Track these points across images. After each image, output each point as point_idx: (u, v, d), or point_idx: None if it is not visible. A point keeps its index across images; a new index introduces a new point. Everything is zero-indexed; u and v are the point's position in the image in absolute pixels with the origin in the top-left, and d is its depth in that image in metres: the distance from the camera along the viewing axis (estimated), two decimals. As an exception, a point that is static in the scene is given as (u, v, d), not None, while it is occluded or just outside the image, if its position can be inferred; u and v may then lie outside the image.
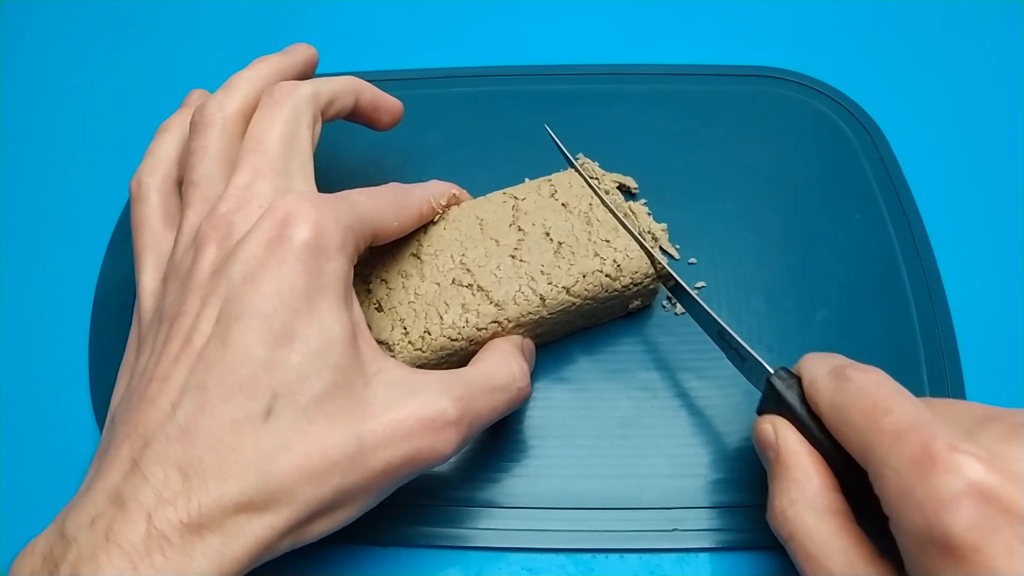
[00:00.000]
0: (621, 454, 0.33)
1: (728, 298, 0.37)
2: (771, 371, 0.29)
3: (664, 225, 0.38)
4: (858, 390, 0.25)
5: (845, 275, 0.37)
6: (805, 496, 0.26)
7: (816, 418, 0.27)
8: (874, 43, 0.46)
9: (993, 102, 0.43)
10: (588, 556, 0.32)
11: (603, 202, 0.34)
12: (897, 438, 0.23)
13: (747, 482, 0.32)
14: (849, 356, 0.34)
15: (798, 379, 0.28)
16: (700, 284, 0.37)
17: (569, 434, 0.34)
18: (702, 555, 0.31)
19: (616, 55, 0.45)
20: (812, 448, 0.27)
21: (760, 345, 0.35)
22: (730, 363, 0.31)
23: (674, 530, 0.32)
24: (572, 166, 0.36)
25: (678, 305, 0.36)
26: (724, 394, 0.34)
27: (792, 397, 0.28)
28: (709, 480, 0.32)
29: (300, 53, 0.35)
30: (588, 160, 0.40)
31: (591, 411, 0.34)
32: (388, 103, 0.35)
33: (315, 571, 0.31)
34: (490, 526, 0.32)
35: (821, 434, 0.27)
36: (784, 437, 0.28)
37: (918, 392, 0.34)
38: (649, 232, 0.38)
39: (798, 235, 0.38)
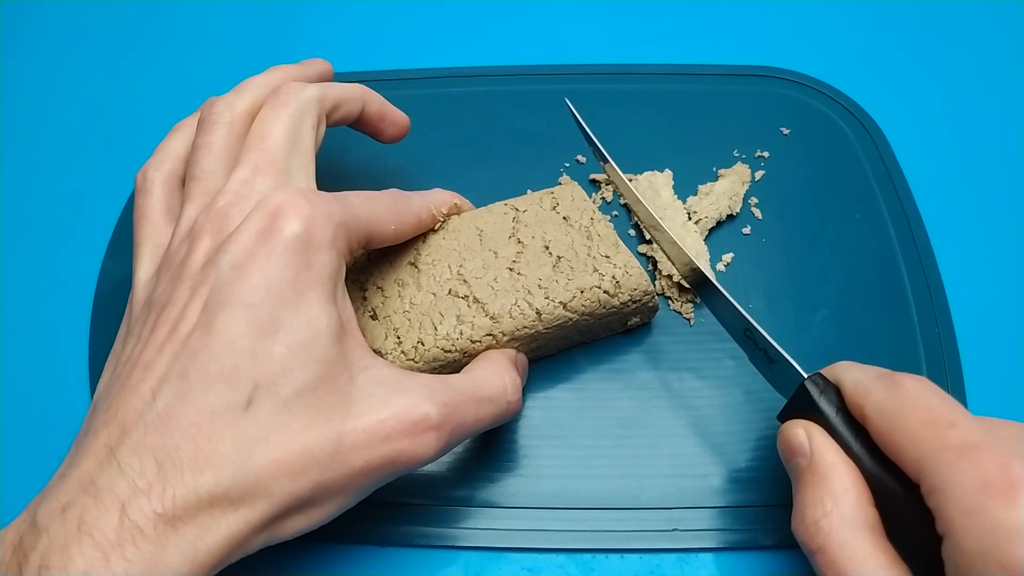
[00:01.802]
0: (621, 454, 0.33)
1: (728, 298, 0.37)
2: (805, 376, 0.28)
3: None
4: (914, 399, 0.24)
5: (845, 275, 0.37)
6: (841, 508, 0.25)
7: (853, 428, 0.26)
8: (874, 43, 0.46)
9: (993, 102, 0.43)
10: (588, 556, 0.32)
11: (634, 205, 0.33)
12: (964, 454, 0.22)
13: (747, 482, 0.32)
14: (849, 356, 0.34)
15: (834, 386, 0.27)
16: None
17: (569, 434, 0.34)
18: (702, 555, 0.31)
19: (616, 55, 0.45)
20: (848, 458, 0.26)
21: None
22: (752, 364, 0.30)
23: (674, 530, 0.32)
24: (604, 161, 0.34)
25: (689, 312, 0.36)
26: (724, 394, 0.34)
27: (826, 404, 0.27)
28: (709, 480, 0.32)
29: (315, 66, 0.35)
30: (659, 174, 0.39)
31: (591, 411, 0.34)
32: (395, 115, 0.36)
33: (314, 571, 0.31)
34: (490, 526, 0.32)
35: (858, 445, 0.26)
36: (819, 444, 0.26)
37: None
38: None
39: (798, 235, 0.38)
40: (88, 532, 0.21)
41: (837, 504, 0.25)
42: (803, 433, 0.27)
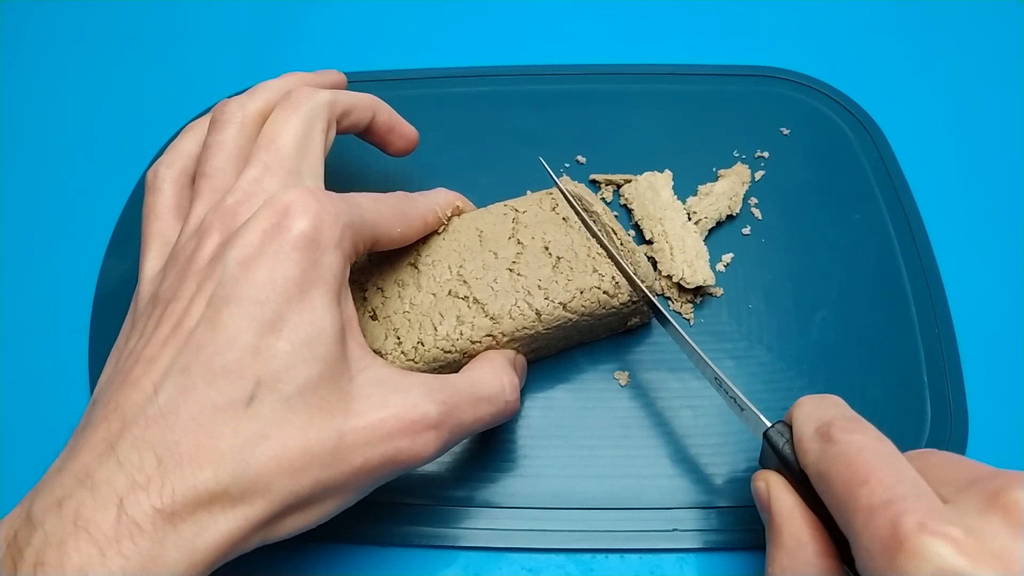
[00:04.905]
0: (621, 454, 0.33)
1: (728, 298, 0.37)
2: (768, 425, 0.27)
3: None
4: (840, 456, 0.24)
5: (845, 275, 0.37)
6: (796, 565, 0.25)
7: None
8: (874, 43, 0.46)
9: (992, 102, 0.44)
10: (588, 556, 0.32)
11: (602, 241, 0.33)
12: (870, 515, 0.22)
13: (747, 482, 0.32)
14: (849, 356, 0.35)
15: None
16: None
17: (569, 434, 0.34)
18: (702, 555, 0.31)
19: (616, 55, 0.45)
20: (807, 510, 0.25)
21: (760, 345, 0.35)
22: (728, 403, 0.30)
23: (674, 530, 0.32)
24: (565, 196, 0.34)
25: (690, 313, 0.36)
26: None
27: (789, 452, 0.26)
28: (709, 480, 0.32)
29: (329, 76, 0.36)
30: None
31: (591, 411, 0.34)
32: (404, 128, 0.36)
33: (314, 571, 0.31)
34: (489, 526, 0.32)
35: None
36: (776, 498, 0.26)
37: (918, 394, 0.34)
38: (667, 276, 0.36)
39: (798, 235, 0.38)
40: (84, 527, 0.21)
41: (793, 560, 0.25)
42: (763, 486, 0.27)
